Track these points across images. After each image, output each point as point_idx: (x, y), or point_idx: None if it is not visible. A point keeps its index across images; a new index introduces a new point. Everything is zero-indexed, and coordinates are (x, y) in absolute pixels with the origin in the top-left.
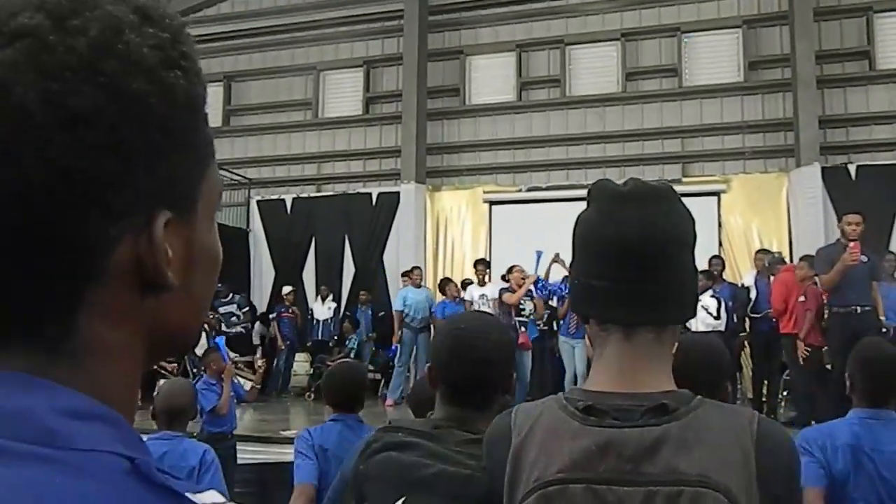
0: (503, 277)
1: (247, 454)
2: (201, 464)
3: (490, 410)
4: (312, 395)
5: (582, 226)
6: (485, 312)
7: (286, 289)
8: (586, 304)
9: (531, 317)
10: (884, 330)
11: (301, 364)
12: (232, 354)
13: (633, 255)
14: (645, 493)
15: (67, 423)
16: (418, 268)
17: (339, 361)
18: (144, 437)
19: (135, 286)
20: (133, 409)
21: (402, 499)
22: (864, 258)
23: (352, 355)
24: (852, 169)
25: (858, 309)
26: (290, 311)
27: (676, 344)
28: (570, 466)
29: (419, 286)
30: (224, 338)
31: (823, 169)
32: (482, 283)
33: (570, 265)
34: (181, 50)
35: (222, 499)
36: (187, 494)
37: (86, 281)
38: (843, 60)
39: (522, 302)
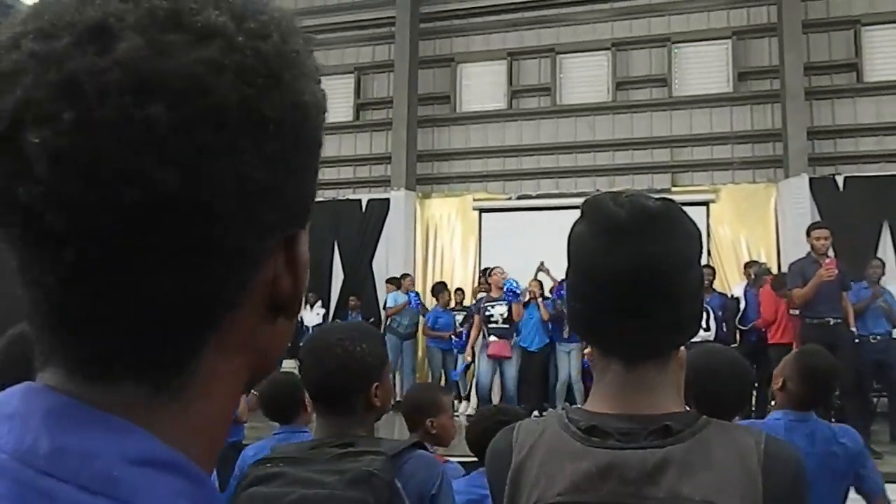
0: (482, 279)
1: None
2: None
3: (357, 415)
4: None
5: (576, 247)
6: (360, 323)
7: None
8: (585, 332)
9: (514, 323)
10: (856, 340)
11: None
12: None
13: (632, 293)
14: None
15: (135, 471)
16: (408, 275)
17: (273, 374)
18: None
19: (261, 310)
20: (220, 448)
21: None
22: (835, 271)
23: None
24: (840, 180)
25: (831, 321)
26: None
27: (696, 359)
28: (570, 489)
29: (407, 293)
30: None
31: (811, 180)
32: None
33: (566, 282)
34: (316, 62)
35: None
36: None
37: (229, 307)
38: (831, 72)
39: (490, 308)
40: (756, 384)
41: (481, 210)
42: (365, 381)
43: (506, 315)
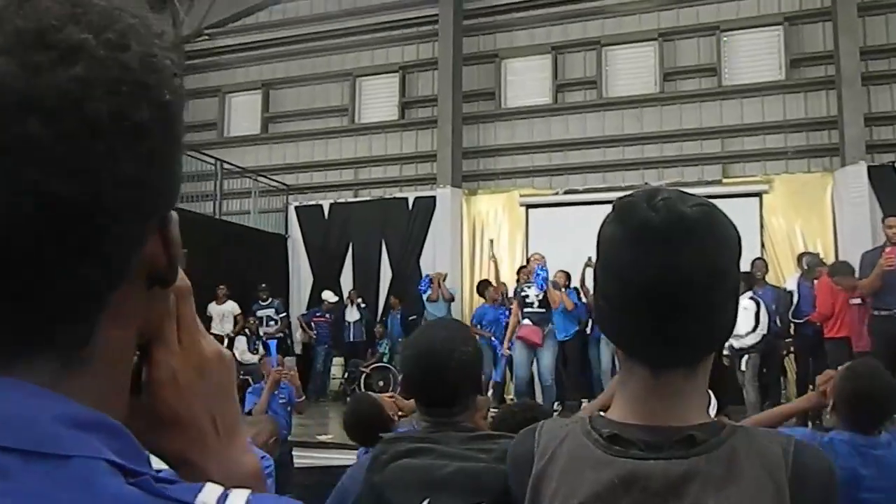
0: (520, 270)
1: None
2: None
3: (470, 410)
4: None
5: (606, 248)
6: (452, 321)
7: (327, 293)
8: (611, 333)
9: (545, 307)
10: None
11: (339, 368)
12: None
13: (662, 300)
14: None
15: (66, 431)
16: (442, 273)
17: (351, 399)
18: None
19: (141, 283)
20: (123, 408)
21: (426, 500)
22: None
23: (384, 359)
24: None
25: None
26: (326, 315)
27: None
28: (591, 498)
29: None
30: (276, 342)
31: (869, 168)
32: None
33: (595, 279)
34: (177, 62)
35: (220, 489)
36: (182, 499)
37: (119, 281)
38: (889, 56)
39: (525, 289)
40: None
41: (528, 206)
42: (478, 377)
43: (541, 297)
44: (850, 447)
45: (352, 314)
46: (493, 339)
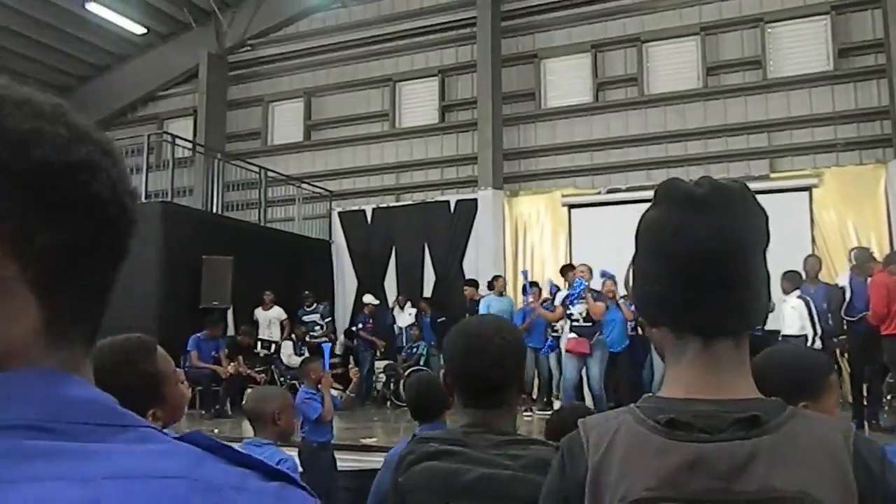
0: (565, 270)
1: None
2: None
3: (510, 408)
4: (390, 402)
5: (651, 230)
6: (495, 316)
7: (368, 297)
8: (659, 312)
9: (588, 320)
10: None
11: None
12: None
13: (713, 264)
14: None
15: (118, 409)
16: (500, 276)
17: (411, 372)
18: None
19: None
20: None
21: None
22: None
23: (421, 361)
24: None
25: None
26: (370, 321)
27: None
28: (658, 484)
29: (502, 294)
30: (329, 345)
31: None
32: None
33: (635, 268)
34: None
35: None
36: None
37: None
38: None
39: (570, 307)
40: (869, 380)
41: (570, 206)
42: (520, 371)
43: (585, 314)
44: None
45: (403, 319)
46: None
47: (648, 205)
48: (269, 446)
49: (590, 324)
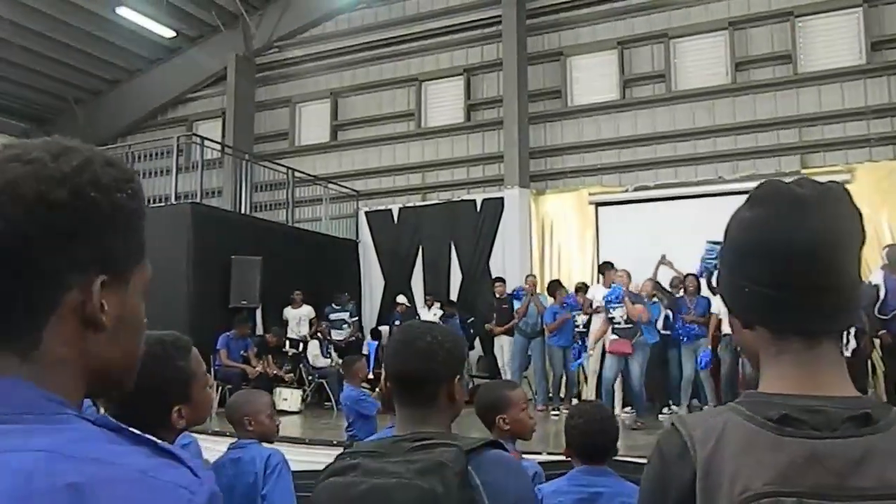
0: (602, 269)
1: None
2: (266, 467)
3: (440, 410)
4: None
5: (753, 230)
6: (434, 323)
7: (401, 297)
8: (760, 312)
9: (637, 322)
10: None
11: None
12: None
13: (819, 266)
14: None
15: (48, 401)
16: (532, 275)
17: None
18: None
19: (79, 322)
20: (78, 405)
21: None
22: None
23: None
24: None
25: None
26: (401, 320)
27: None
28: (778, 479)
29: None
30: (376, 344)
31: None
32: (608, 286)
33: (724, 273)
34: (130, 184)
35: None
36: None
37: (50, 309)
38: None
39: (611, 310)
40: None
41: (597, 204)
42: (448, 370)
43: (625, 316)
44: None
45: (429, 317)
46: (579, 339)
47: (677, 202)
48: (252, 445)
49: (630, 325)
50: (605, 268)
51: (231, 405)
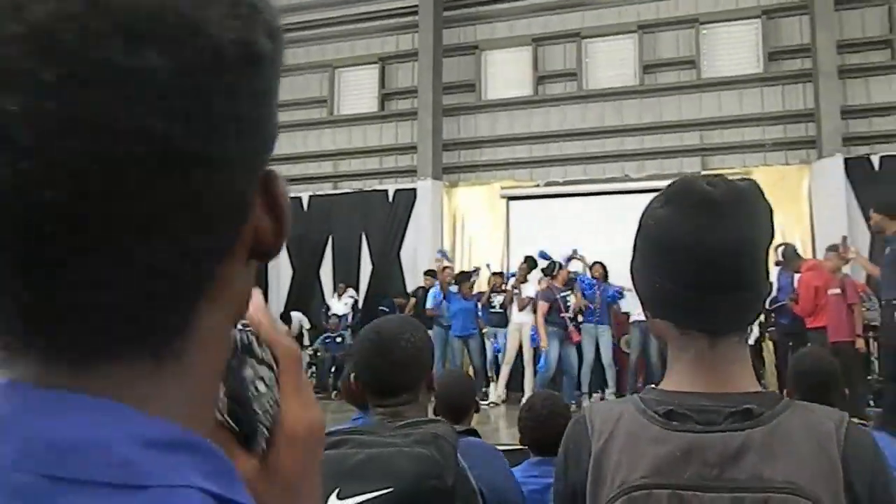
0: (546, 273)
1: None
2: None
3: (418, 403)
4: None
5: (661, 227)
6: (402, 317)
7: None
8: (667, 309)
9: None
10: None
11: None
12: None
13: (725, 267)
14: (731, 499)
15: (146, 454)
16: (449, 266)
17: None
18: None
19: (243, 256)
20: (213, 405)
21: (337, 489)
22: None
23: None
24: (875, 160)
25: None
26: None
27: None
28: (654, 472)
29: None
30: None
31: (846, 160)
32: (524, 281)
33: (637, 264)
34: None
35: None
36: None
37: (221, 259)
38: (865, 50)
39: (568, 298)
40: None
41: (509, 198)
42: (426, 367)
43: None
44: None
45: (339, 307)
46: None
47: (585, 199)
48: None
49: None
50: (529, 262)
51: None
